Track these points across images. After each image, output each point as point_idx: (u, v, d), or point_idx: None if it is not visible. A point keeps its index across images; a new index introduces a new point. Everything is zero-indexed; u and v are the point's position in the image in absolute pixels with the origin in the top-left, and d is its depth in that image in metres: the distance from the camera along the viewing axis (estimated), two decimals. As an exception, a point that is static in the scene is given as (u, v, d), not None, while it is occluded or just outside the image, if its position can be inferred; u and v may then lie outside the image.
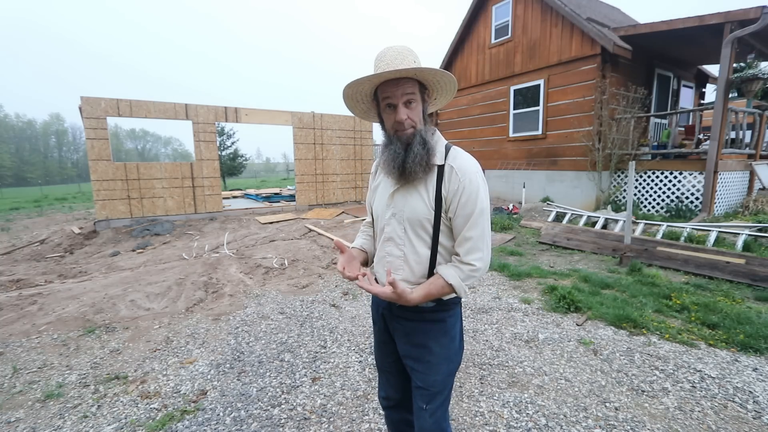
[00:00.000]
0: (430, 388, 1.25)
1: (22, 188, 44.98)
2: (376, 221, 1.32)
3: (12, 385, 2.48)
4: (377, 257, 1.31)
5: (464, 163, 1.17)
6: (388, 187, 1.25)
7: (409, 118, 1.14)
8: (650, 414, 2.08)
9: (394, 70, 1.07)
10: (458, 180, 1.14)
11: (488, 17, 10.46)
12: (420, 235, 1.19)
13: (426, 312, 1.24)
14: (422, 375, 1.26)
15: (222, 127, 26.82)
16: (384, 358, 1.44)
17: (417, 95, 1.15)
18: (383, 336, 1.41)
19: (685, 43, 7.90)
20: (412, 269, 1.21)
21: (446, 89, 1.24)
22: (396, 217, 1.22)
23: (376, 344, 1.47)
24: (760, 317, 3.10)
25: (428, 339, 1.26)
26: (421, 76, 1.14)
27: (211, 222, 8.52)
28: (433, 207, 1.16)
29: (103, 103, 7.63)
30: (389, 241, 1.24)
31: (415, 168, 1.13)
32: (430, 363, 1.25)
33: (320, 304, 3.83)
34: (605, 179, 8.17)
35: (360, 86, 1.15)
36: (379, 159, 1.36)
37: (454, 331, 1.30)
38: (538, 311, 3.49)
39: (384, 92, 1.14)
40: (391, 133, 1.19)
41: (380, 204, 1.28)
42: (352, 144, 11.01)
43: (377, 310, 1.40)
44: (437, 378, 1.26)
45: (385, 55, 1.13)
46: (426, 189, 1.18)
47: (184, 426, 2.07)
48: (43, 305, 3.81)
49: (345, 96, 1.20)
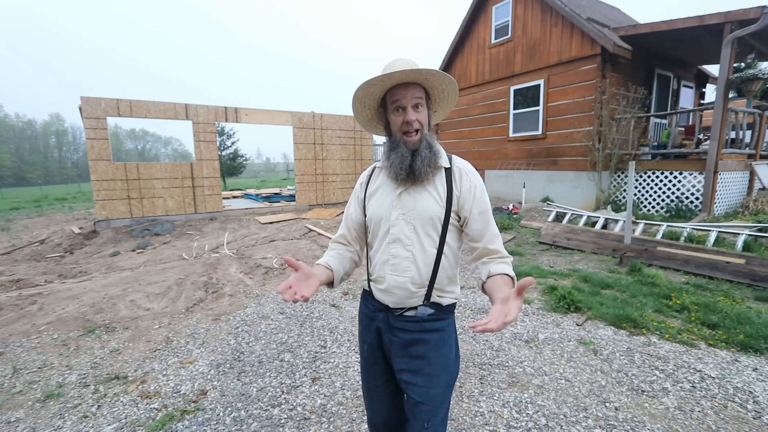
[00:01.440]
0: (431, 402, 1.22)
1: (22, 188, 44.99)
2: (375, 225, 1.28)
3: (12, 385, 2.48)
4: (378, 260, 1.27)
5: (469, 166, 1.28)
6: (392, 189, 1.25)
7: (417, 119, 1.19)
8: (650, 414, 2.08)
9: (407, 70, 1.12)
10: (469, 180, 1.23)
11: (488, 17, 10.45)
12: (429, 234, 1.21)
13: (425, 321, 1.23)
14: (422, 389, 1.22)
15: (222, 127, 26.83)
16: (373, 380, 1.38)
17: (424, 101, 1.22)
18: (373, 355, 1.34)
19: (685, 43, 7.90)
20: (419, 270, 1.21)
21: (447, 99, 1.31)
22: (404, 217, 1.21)
23: (364, 365, 1.40)
24: (760, 317, 3.09)
25: (427, 349, 1.23)
26: (430, 82, 1.20)
27: (211, 222, 8.52)
28: (445, 205, 1.21)
29: (103, 103, 7.63)
30: (396, 243, 1.22)
31: (425, 170, 1.18)
32: (430, 375, 1.23)
33: (320, 304, 3.83)
34: (605, 179, 8.17)
35: (371, 88, 1.19)
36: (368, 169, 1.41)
37: (452, 340, 1.29)
38: (538, 311, 3.50)
39: (393, 96, 1.20)
40: (398, 136, 1.22)
41: (383, 206, 1.26)
42: (352, 144, 11.01)
43: (370, 325, 1.33)
44: (437, 391, 1.23)
45: (395, 63, 1.20)
46: (436, 189, 1.22)
47: (184, 426, 2.07)
48: (43, 305, 3.81)
49: (356, 99, 1.23)
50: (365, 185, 1.37)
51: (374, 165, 1.39)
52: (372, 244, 1.31)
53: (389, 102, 1.21)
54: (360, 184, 1.39)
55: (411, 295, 1.21)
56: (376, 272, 1.28)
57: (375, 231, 1.29)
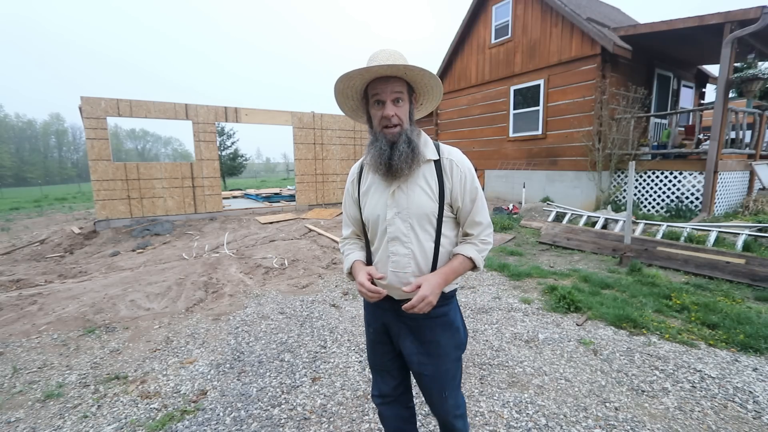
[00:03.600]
0: (445, 375, 1.33)
1: (22, 188, 45.00)
2: (373, 224, 1.29)
3: (12, 385, 2.48)
4: (380, 258, 1.30)
5: (459, 155, 1.27)
6: (384, 187, 1.26)
7: (396, 114, 1.18)
8: (650, 414, 2.08)
9: (384, 65, 1.11)
10: (459, 171, 1.24)
11: (488, 17, 10.45)
12: (426, 230, 1.24)
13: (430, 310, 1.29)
14: (434, 368, 1.32)
15: (222, 127, 26.85)
16: (380, 357, 1.44)
17: (405, 95, 1.20)
18: (379, 336, 1.41)
19: (685, 43, 7.90)
20: (419, 265, 1.25)
21: (432, 93, 1.29)
22: (400, 215, 1.23)
23: (370, 344, 1.46)
24: (760, 317, 3.09)
25: (435, 334, 1.31)
26: (410, 77, 1.18)
27: (211, 222, 8.52)
28: (438, 200, 1.22)
29: (103, 103, 7.63)
30: (394, 241, 1.24)
31: (402, 165, 1.18)
32: (440, 355, 1.32)
33: (320, 304, 3.83)
34: (605, 179, 8.17)
35: (351, 81, 1.18)
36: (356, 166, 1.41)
37: (457, 321, 1.36)
38: (538, 311, 3.49)
39: (374, 89, 1.18)
40: (378, 129, 1.21)
41: (378, 205, 1.27)
42: (351, 144, 11.01)
43: (375, 312, 1.39)
44: (449, 366, 1.33)
45: (378, 54, 1.18)
46: (428, 183, 1.23)
47: (184, 426, 2.07)
48: (43, 305, 3.81)
49: (336, 91, 1.22)
50: (357, 183, 1.37)
51: (361, 161, 1.39)
52: (372, 240, 1.34)
53: (370, 95, 1.21)
54: (351, 182, 1.39)
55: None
56: (379, 269, 1.31)
57: (373, 229, 1.31)
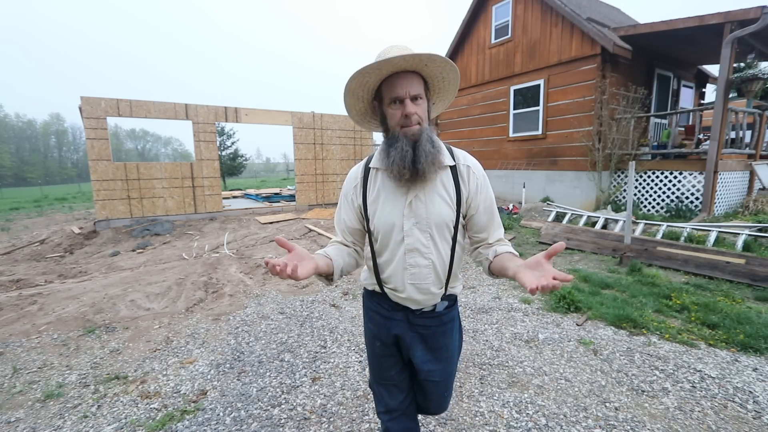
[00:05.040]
0: (449, 377, 1.39)
1: (22, 188, 45.01)
2: (384, 234, 1.19)
3: (12, 385, 2.48)
4: (393, 270, 1.22)
5: (474, 161, 1.24)
6: (398, 195, 1.17)
7: (416, 113, 1.09)
8: (650, 414, 2.08)
9: (407, 55, 1.01)
10: (476, 178, 1.20)
11: (488, 17, 10.46)
12: (445, 238, 1.20)
13: (443, 315, 1.31)
14: (441, 372, 1.34)
15: (222, 127, 26.82)
16: (387, 371, 1.38)
17: (423, 93, 1.12)
18: (388, 349, 1.35)
19: (685, 43, 7.90)
20: (438, 274, 1.22)
21: (448, 89, 1.21)
22: (418, 225, 1.15)
23: (376, 359, 1.39)
24: (760, 317, 3.09)
25: (444, 339, 1.33)
26: (429, 69, 1.10)
27: (211, 222, 8.52)
28: (456, 207, 1.19)
29: (103, 103, 7.62)
30: (413, 252, 1.17)
31: (428, 166, 1.09)
32: (448, 359, 1.36)
33: (320, 304, 3.83)
34: (605, 179, 8.17)
35: (366, 77, 1.07)
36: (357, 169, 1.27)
37: (459, 322, 1.43)
38: (538, 311, 3.49)
39: (390, 86, 1.09)
40: (396, 130, 1.11)
41: (393, 215, 1.17)
42: (352, 144, 11.01)
43: (386, 324, 1.32)
44: (453, 368, 1.40)
45: (390, 50, 1.08)
46: (446, 191, 1.17)
47: (184, 426, 2.07)
48: (43, 305, 3.81)
49: (348, 89, 1.11)
50: (361, 189, 1.23)
51: (363, 165, 1.26)
52: (381, 252, 1.24)
53: (385, 93, 1.11)
54: (354, 187, 1.25)
55: (434, 297, 1.25)
56: (392, 281, 1.23)
57: (384, 240, 1.21)
